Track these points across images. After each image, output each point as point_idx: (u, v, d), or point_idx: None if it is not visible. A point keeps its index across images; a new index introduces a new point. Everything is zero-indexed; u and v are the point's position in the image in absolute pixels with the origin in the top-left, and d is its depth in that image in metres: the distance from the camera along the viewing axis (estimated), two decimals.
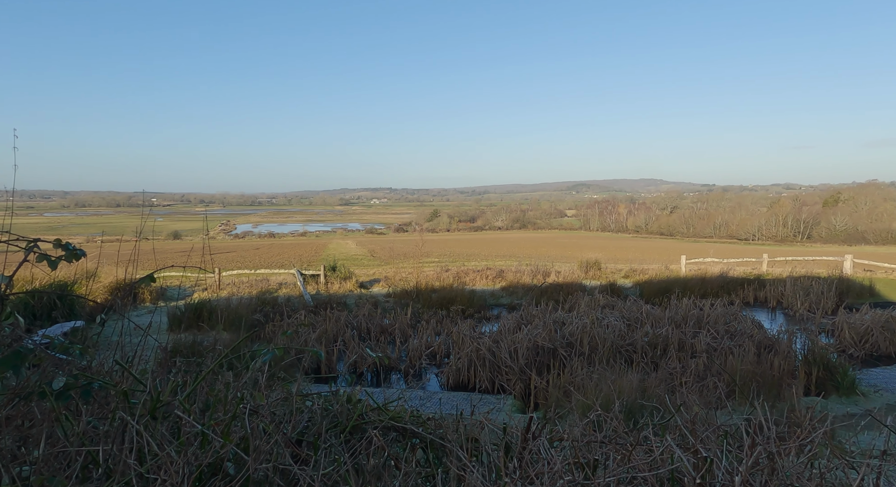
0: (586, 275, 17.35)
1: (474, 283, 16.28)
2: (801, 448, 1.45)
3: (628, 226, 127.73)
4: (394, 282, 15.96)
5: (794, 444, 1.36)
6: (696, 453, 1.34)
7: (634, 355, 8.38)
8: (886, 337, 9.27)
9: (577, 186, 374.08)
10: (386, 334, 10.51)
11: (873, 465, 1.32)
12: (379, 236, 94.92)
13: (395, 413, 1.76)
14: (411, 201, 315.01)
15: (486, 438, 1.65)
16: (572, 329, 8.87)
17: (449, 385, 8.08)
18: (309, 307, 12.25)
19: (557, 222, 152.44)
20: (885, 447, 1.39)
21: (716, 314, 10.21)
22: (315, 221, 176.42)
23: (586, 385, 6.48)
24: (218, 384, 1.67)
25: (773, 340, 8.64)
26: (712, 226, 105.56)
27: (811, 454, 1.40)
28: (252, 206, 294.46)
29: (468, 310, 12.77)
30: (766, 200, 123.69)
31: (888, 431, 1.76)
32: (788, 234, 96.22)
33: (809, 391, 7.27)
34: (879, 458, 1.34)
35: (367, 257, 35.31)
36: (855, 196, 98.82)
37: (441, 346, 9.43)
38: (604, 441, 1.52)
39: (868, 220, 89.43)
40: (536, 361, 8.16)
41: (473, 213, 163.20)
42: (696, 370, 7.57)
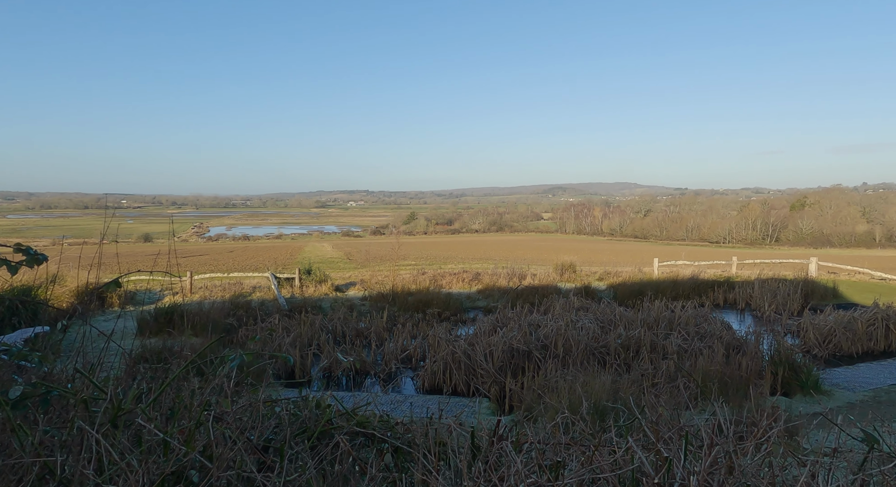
0: (561, 278, 17.53)
1: (451, 286, 16.31)
2: (757, 446, 1.50)
3: (603, 229, 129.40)
4: (370, 285, 15.89)
5: (750, 443, 1.41)
6: (659, 453, 1.37)
7: (608, 357, 8.49)
8: (848, 337, 9.57)
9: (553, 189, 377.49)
10: (361, 337, 10.45)
11: (824, 462, 1.37)
12: (355, 239, 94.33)
13: (364, 419, 1.75)
14: (388, 204, 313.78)
15: (454, 442, 1.66)
16: (547, 331, 8.94)
17: (424, 388, 8.07)
18: (283, 311, 12.11)
19: (534, 225, 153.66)
20: (835, 444, 1.45)
21: (687, 316, 10.41)
22: (291, 224, 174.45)
23: (560, 387, 6.54)
24: (184, 390, 1.64)
25: (741, 341, 8.84)
26: (685, 230, 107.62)
27: (766, 452, 1.45)
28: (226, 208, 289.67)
29: (444, 313, 12.78)
30: (737, 204, 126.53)
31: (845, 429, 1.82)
32: (757, 237, 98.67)
33: (776, 390, 7.46)
34: (830, 455, 1.40)
35: (344, 260, 35.06)
36: (820, 200, 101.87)
37: (417, 349, 9.41)
38: (570, 443, 1.55)
39: (833, 224, 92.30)
40: (511, 363, 8.20)
41: (451, 216, 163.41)
42: (668, 371, 7.70)
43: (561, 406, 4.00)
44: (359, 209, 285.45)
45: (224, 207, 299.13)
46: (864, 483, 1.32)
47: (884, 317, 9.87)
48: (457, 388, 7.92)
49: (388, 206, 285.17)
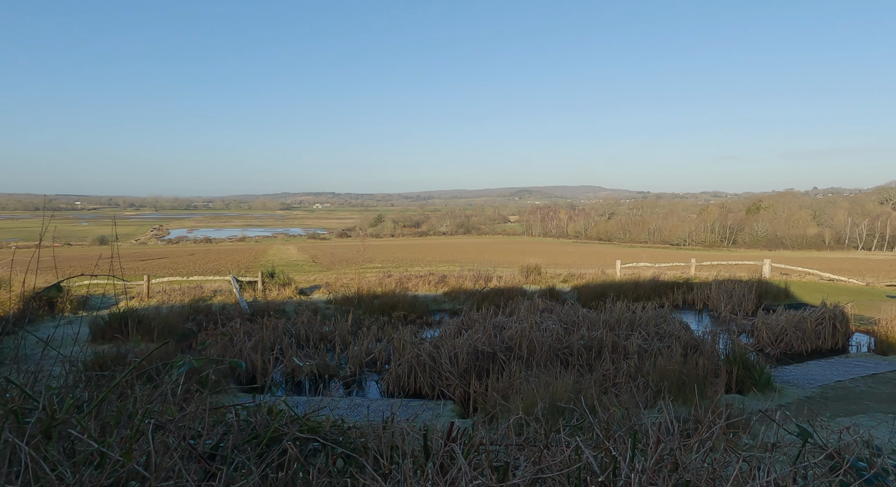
0: (527, 280, 17.70)
1: (417, 289, 16.28)
2: (701, 443, 1.54)
3: (569, 232, 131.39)
4: (335, 288, 15.72)
5: (695, 440, 1.45)
6: (608, 452, 1.40)
7: (570, 357, 8.61)
8: (798, 336, 9.95)
9: (520, 192, 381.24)
10: (326, 341, 10.33)
11: (763, 457, 1.42)
12: (321, 241, 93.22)
13: (315, 424, 1.73)
14: (355, 206, 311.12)
15: (408, 445, 1.65)
16: (511, 333, 9.01)
17: (389, 391, 8.02)
18: (245, 314, 11.86)
19: (501, 227, 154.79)
20: (774, 439, 1.50)
21: (647, 316, 10.64)
22: (255, 226, 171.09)
23: (524, 388, 6.60)
24: (128, 399, 1.58)
25: (698, 341, 9.09)
26: (647, 232, 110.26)
27: (709, 449, 1.49)
28: (187, 210, 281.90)
29: (410, 316, 12.75)
30: (696, 207, 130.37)
31: (783, 425, 1.89)
32: (716, 240, 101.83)
33: (731, 388, 7.69)
34: (769, 450, 1.45)
35: (309, 263, 34.61)
36: (774, 204, 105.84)
37: (382, 352, 9.35)
38: (522, 444, 1.56)
39: (786, 227, 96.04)
40: (476, 366, 8.24)
41: (418, 219, 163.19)
42: (628, 370, 7.85)
43: (516, 407, 4.03)
44: (325, 211, 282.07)
45: (185, 209, 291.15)
46: (799, 474, 1.38)
47: (831, 317, 10.30)
48: (421, 391, 7.90)
49: (355, 209, 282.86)
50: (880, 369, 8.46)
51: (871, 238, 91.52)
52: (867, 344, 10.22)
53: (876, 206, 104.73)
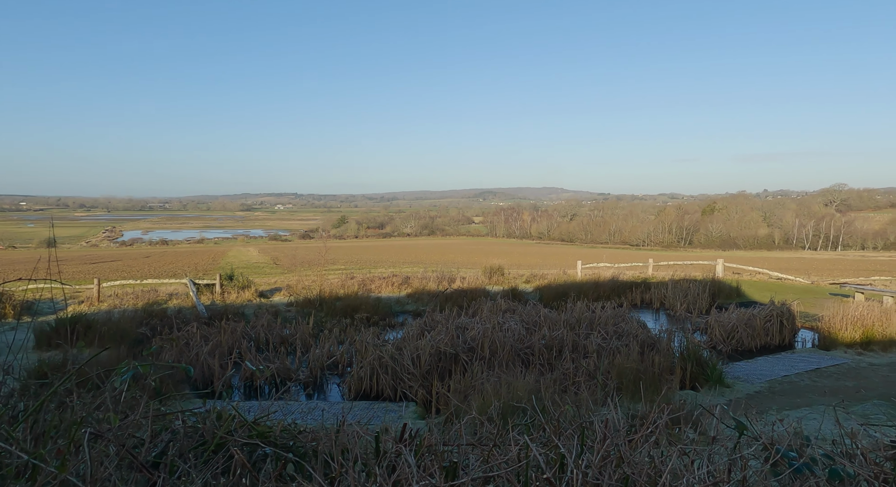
0: (490, 281, 17.83)
1: (380, 290, 16.19)
2: (646, 438, 1.60)
3: (532, 233, 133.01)
4: (296, 291, 15.48)
5: (639, 436, 1.50)
6: (556, 449, 1.43)
7: (532, 357, 8.72)
8: (749, 333, 10.35)
9: (483, 193, 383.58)
10: (286, 344, 10.17)
11: (701, 450, 1.49)
12: (283, 243, 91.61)
13: (265, 429, 1.70)
14: (318, 207, 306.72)
15: (361, 448, 1.65)
16: (474, 334, 9.06)
17: (351, 394, 7.95)
18: (202, 318, 11.55)
19: (465, 229, 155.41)
20: (715, 433, 1.57)
21: (606, 316, 10.87)
22: (214, 227, 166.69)
23: (485, 388, 6.65)
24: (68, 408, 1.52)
25: (655, 339, 9.34)
26: (608, 233, 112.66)
27: (652, 443, 1.55)
28: (142, 211, 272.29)
29: (373, 318, 12.66)
30: (655, 209, 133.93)
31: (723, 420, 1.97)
32: (673, 240, 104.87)
33: (685, 385, 7.94)
34: (710, 443, 1.52)
35: (270, 265, 33.98)
36: (728, 206, 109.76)
37: (344, 355, 9.27)
38: (473, 444, 1.58)
39: (738, 228, 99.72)
40: (439, 367, 8.25)
41: (382, 220, 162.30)
42: (588, 369, 8.01)
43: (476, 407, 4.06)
44: (287, 212, 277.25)
45: (140, 210, 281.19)
46: (735, 464, 1.44)
47: (778, 314, 10.75)
48: (384, 393, 7.86)
49: (318, 210, 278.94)
50: (823, 363, 8.88)
51: (817, 238, 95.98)
52: (812, 339, 10.71)
53: (821, 208, 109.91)
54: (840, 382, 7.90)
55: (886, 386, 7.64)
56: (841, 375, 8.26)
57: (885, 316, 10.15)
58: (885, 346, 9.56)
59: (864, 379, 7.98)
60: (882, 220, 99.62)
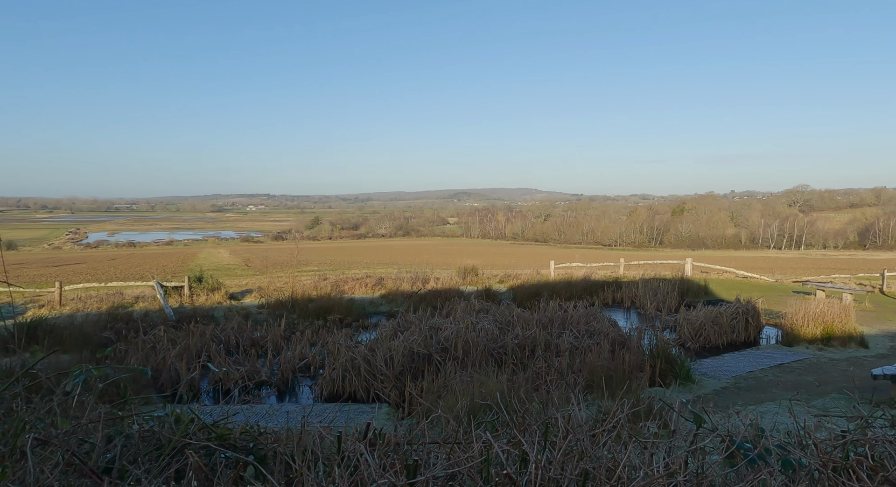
0: (464, 281, 17.87)
1: (353, 292, 16.08)
2: (609, 432, 1.62)
3: (506, 233, 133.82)
4: (268, 293, 15.26)
5: (601, 431, 1.52)
6: (519, 445, 1.44)
7: (505, 356, 8.76)
8: (716, 330, 10.59)
9: (458, 194, 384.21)
10: (257, 347, 10.01)
11: (660, 444, 1.52)
12: (255, 244, 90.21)
13: (225, 431, 1.66)
14: (291, 208, 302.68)
15: (325, 449, 1.63)
16: (447, 334, 9.06)
17: (323, 396, 7.87)
18: (170, 321, 11.29)
19: (440, 229, 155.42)
20: (674, 427, 1.60)
21: (578, 315, 10.99)
22: (183, 229, 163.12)
23: (458, 388, 6.65)
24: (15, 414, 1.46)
25: (625, 337, 9.48)
26: (580, 233, 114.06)
27: (614, 438, 1.57)
28: (108, 213, 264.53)
29: (346, 319, 12.56)
30: (626, 209, 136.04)
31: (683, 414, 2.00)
32: (644, 240, 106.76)
33: (654, 382, 8.07)
34: (669, 437, 1.54)
35: (241, 267, 33.44)
36: (696, 206, 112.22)
37: (316, 357, 9.17)
38: (438, 442, 1.58)
39: (707, 228, 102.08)
40: (412, 367, 8.23)
41: (356, 221, 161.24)
42: (560, 368, 8.08)
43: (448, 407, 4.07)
44: (259, 213, 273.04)
45: (105, 211, 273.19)
46: (692, 456, 1.47)
47: (744, 312, 11.03)
48: (356, 395, 7.81)
49: (291, 211, 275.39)
50: (786, 359, 9.15)
51: (782, 238, 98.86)
52: (776, 336, 11.00)
53: (785, 208, 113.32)
54: (802, 377, 8.14)
55: (845, 380, 7.90)
56: (803, 370, 8.51)
57: (844, 313, 10.50)
58: (844, 342, 9.89)
59: (825, 374, 8.24)
60: (842, 220, 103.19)
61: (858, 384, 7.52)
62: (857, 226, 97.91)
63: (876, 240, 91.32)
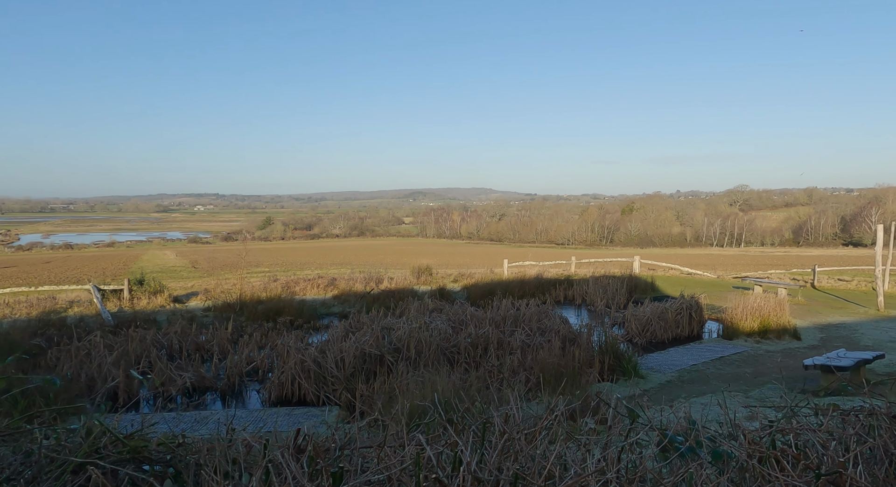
0: (418, 281, 17.81)
1: (305, 293, 15.77)
2: (547, 430, 1.61)
3: (462, 233, 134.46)
4: (215, 295, 14.75)
5: (538, 429, 1.51)
6: (454, 446, 1.40)
7: (458, 356, 8.76)
8: (662, 325, 10.92)
9: (413, 194, 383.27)
10: (202, 351, 9.66)
11: (597, 440, 1.52)
12: (204, 245, 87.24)
13: (140, 443, 1.55)
14: (242, 208, 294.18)
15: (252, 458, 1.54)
16: (400, 334, 8.98)
17: (271, 400, 7.66)
18: (108, 326, 10.74)
19: (395, 229, 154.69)
20: (610, 423, 1.61)
21: (530, 313, 11.12)
22: (126, 230, 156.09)
23: (410, 389, 6.59)
24: None
25: (576, 334, 9.64)
26: (535, 232, 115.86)
27: (552, 436, 1.56)
28: (42, 213, 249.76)
29: (297, 321, 12.29)
30: (578, 209, 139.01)
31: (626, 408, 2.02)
32: (596, 239, 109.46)
33: (603, 377, 8.25)
34: (606, 433, 1.55)
35: (188, 269, 32.25)
36: (645, 206, 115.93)
37: (265, 360, 8.93)
38: (371, 446, 1.52)
39: (654, 226, 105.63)
40: (364, 369, 8.11)
41: (310, 221, 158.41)
42: (512, 365, 8.14)
43: (388, 408, 4.01)
44: (208, 213, 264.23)
45: (39, 212, 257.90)
46: (626, 451, 1.49)
47: (688, 307, 11.43)
48: (306, 398, 7.64)
49: (242, 211, 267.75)
50: (726, 352, 9.53)
51: (724, 236, 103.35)
52: (717, 330, 11.46)
53: (726, 208, 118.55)
54: (741, 369, 8.49)
55: (780, 370, 8.29)
56: (742, 362, 8.88)
57: (780, 307, 11.03)
58: (779, 334, 10.39)
59: (762, 366, 8.62)
60: (778, 219, 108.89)
61: (792, 374, 7.90)
62: (792, 224, 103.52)
63: (808, 237, 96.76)
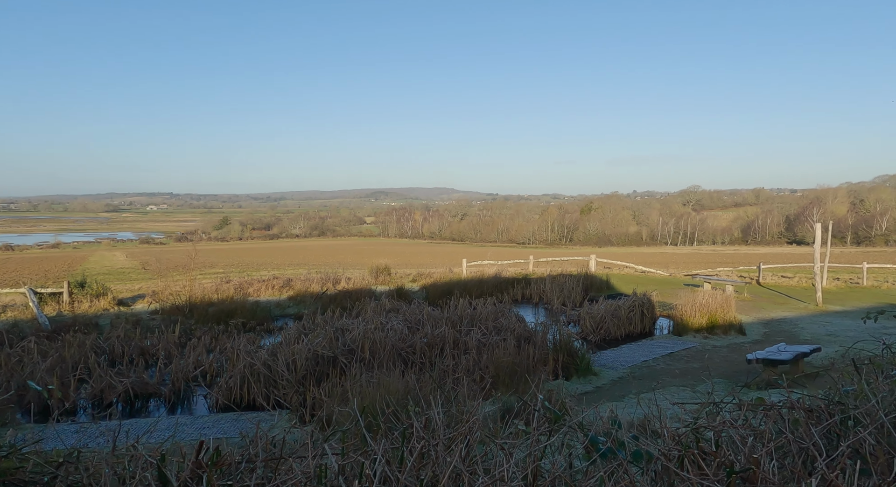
0: (377, 281, 17.63)
1: (259, 294, 15.38)
2: (469, 433, 1.56)
3: (424, 233, 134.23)
4: (163, 297, 14.20)
5: (457, 433, 1.46)
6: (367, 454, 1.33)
7: (413, 356, 8.67)
8: (615, 323, 11.11)
9: (376, 194, 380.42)
10: (147, 356, 9.28)
11: (519, 443, 1.48)
12: (156, 246, 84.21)
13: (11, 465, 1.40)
14: (197, 208, 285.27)
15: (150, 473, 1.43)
16: (354, 335, 8.83)
17: (219, 406, 7.41)
18: (44, 331, 10.18)
19: (357, 229, 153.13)
20: (535, 425, 1.57)
21: (487, 312, 11.12)
22: (73, 230, 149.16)
23: (364, 390, 6.48)
24: None
25: (531, 332, 9.68)
26: (496, 232, 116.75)
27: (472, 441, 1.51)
28: None
29: (250, 323, 11.97)
30: (539, 208, 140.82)
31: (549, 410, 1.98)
32: (555, 238, 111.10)
33: (557, 374, 8.31)
34: (532, 435, 1.50)
35: (138, 270, 31.05)
36: (603, 205, 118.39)
37: (213, 364, 8.64)
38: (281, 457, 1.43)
39: (612, 226, 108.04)
40: (316, 371, 7.94)
41: (269, 221, 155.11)
42: (468, 365, 8.10)
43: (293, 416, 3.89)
44: (161, 213, 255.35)
45: None
46: (548, 452, 1.45)
47: (640, 304, 11.67)
48: (256, 402, 7.41)
49: (198, 210, 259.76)
50: (676, 348, 9.76)
51: (678, 235, 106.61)
52: (668, 326, 11.75)
53: (680, 207, 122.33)
54: (689, 364, 8.70)
55: (726, 365, 8.55)
56: (690, 358, 9.12)
57: (726, 303, 11.39)
58: (726, 330, 10.72)
59: (709, 360, 8.87)
60: (728, 218, 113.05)
61: (737, 369, 8.16)
62: (741, 223, 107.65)
63: (756, 235, 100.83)
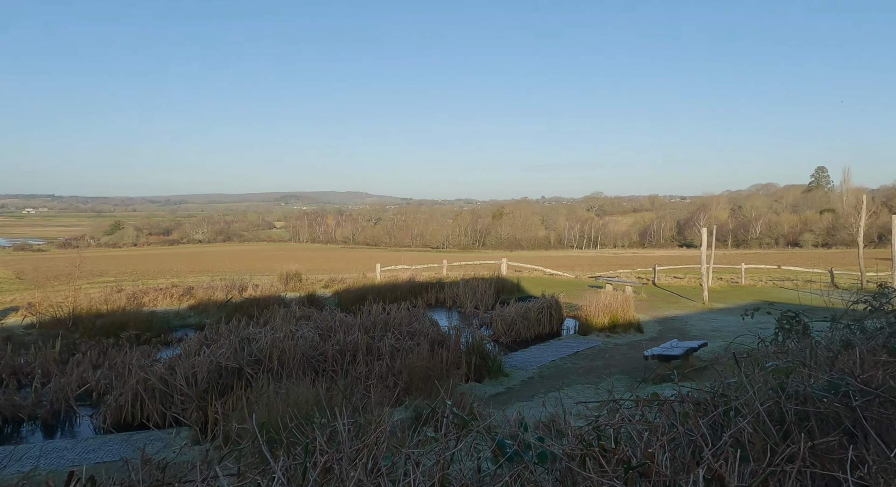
0: (287, 287, 17.02)
1: (156, 304, 14.33)
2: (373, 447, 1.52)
3: (337, 238, 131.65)
4: (41, 309, 12.83)
5: (362, 445, 1.42)
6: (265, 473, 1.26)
7: (325, 364, 8.43)
8: (525, 324, 11.47)
9: (286, 197, 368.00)
10: (20, 375, 8.35)
11: (427, 452, 1.47)
12: (35, 254, 75.99)
13: None
14: (84, 211, 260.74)
15: None
16: (262, 344, 8.44)
17: (106, 426, 6.80)
18: None
19: (266, 234, 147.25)
20: (444, 431, 1.57)
21: (400, 317, 11.05)
22: None
23: (271, 402, 6.20)
24: None
25: (444, 336, 9.74)
26: (410, 236, 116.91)
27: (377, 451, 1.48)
28: None
29: (144, 335, 11.10)
30: (452, 213, 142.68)
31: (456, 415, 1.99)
32: (469, 242, 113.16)
33: (470, 377, 8.43)
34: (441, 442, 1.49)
35: (11, 280, 27.87)
36: (514, 210, 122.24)
37: (101, 381, 7.93)
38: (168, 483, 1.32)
39: (522, 230, 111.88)
40: (220, 384, 7.50)
41: (168, 225, 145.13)
42: (381, 371, 8.01)
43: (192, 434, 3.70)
44: (41, 217, 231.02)
45: None
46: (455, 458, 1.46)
47: (548, 306, 12.13)
48: (151, 420, 6.88)
49: (85, 214, 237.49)
50: (581, 347, 10.24)
51: (583, 239, 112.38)
52: (574, 327, 12.29)
53: (585, 213, 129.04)
54: (593, 362, 9.15)
55: (626, 362, 9.08)
56: (594, 356, 9.59)
57: (626, 303, 12.12)
58: (626, 328, 11.41)
59: (611, 358, 9.38)
60: (627, 223, 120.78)
61: (636, 365, 8.69)
62: (639, 227, 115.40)
63: (652, 239, 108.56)
